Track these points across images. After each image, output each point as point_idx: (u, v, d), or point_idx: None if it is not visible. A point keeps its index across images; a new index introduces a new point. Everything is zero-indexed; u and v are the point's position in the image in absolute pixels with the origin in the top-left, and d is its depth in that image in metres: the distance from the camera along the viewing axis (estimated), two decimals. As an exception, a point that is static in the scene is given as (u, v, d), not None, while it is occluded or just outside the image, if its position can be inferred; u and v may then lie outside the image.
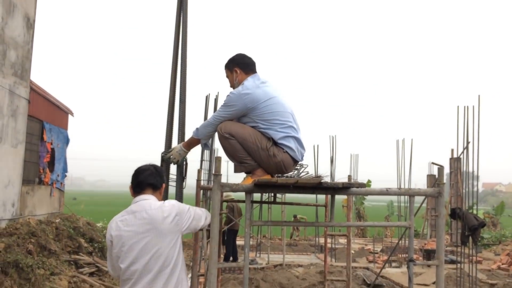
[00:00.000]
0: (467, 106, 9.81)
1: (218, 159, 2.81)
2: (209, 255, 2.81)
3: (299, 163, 3.65)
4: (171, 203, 2.95)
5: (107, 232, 2.97)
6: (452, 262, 12.12)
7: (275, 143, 3.37)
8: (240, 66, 3.64)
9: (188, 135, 4.56)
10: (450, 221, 14.25)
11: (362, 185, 2.85)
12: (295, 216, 21.41)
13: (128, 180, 3.11)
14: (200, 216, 3.03)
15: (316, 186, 2.85)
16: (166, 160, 3.97)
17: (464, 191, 11.23)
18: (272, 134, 3.37)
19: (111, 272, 3.04)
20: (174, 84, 4.42)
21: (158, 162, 4.24)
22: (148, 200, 2.95)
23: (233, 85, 3.69)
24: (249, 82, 3.52)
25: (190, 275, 4.55)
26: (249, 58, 3.72)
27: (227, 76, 3.74)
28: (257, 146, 3.31)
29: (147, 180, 3.04)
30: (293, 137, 3.44)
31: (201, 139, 3.65)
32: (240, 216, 11.78)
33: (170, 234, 2.84)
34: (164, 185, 3.16)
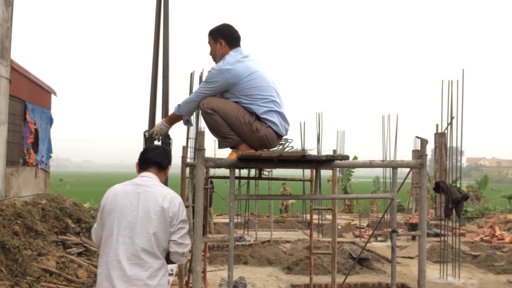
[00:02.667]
0: (451, 80, 9.90)
1: (202, 134, 2.79)
2: (194, 230, 2.82)
3: (284, 138, 3.65)
4: (178, 201, 2.93)
5: (105, 195, 3.01)
6: (436, 235, 12.36)
7: (258, 118, 3.36)
8: (225, 39, 3.56)
9: (171, 111, 4.54)
10: (435, 195, 14.47)
11: (345, 157, 2.86)
12: (284, 185, 21.54)
13: (115, 161, 3.10)
14: (187, 238, 2.92)
15: (300, 159, 2.86)
16: (148, 137, 3.94)
17: (448, 165, 11.40)
18: (255, 108, 3.35)
19: (93, 236, 3.06)
20: (156, 60, 4.38)
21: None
22: (152, 179, 2.99)
23: (214, 55, 3.62)
24: (231, 57, 3.47)
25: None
26: (236, 32, 3.64)
27: (209, 43, 3.65)
28: (240, 121, 3.30)
29: (154, 158, 3.09)
30: (276, 111, 3.42)
31: (183, 115, 3.62)
32: None
33: (157, 223, 2.83)
34: (169, 166, 3.20)
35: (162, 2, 4.71)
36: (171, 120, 3.77)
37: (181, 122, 3.74)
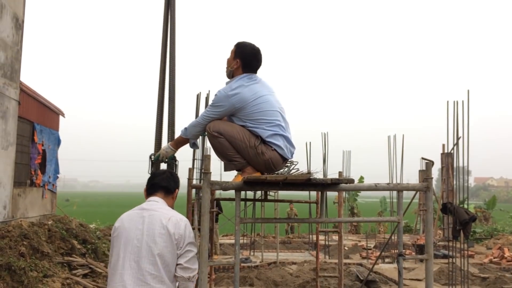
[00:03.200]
0: (457, 101, 9.89)
1: (207, 157, 2.81)
2: (200, 253, 2.82)
3: (290, 160, 3.67)
4: (184, 223, 2.91)
5: (115, 223, 3.04)
6: (445, 256, 12.21)
7: (263, 141, 3.38)
8: (243, 61, 3.55)
9: (178, 134, 4.57)
10: (442, 216, 14.35)
11: (350, 180, 2.87)
12: (290, 204, 21.43)
13: (121, 181, 3.13)
14: (194, 262, 2.87)
15: (305, 182, 2.87)
16: (154, 159, 3.97)
17: (455, 185, 11.32)
18: (260, 132, 3.38)
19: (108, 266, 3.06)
20: (163, 83, 4.43)
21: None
22: (158, 203, 3.01)
23: (228, 67, 3.64)
24: (238, 82, 3.50)
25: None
26: (258, 61, 3.61)
27: (231, 52, 3.64)
28: (245, 144, 3.33)
29: (160, 182, 3.12)
30: (281, 135, 3.44)
31: (190, 138, 3.66)
32: None
33: (162, 246, 2.80)
34: (177, 190, 3.21)
35: (169, 24, 4.79)
36: (177, 143, 3.80)
37: (187, 145, 3.77)
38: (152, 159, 4.04)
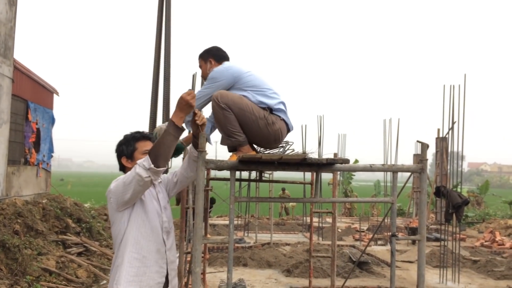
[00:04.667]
0: (453, 85, 9.90)
1: (202, 135, 2.79)
2: (194, 231, 2.82)
3: (285, 140, 3.67)
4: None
5: None
6: (437, 239, 12.34)
7: (271, 112, 3.46)
8: (214, 57, 3.72)
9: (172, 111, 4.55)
10: (435, 199, 14.46)
11: (346, 161, 2.87)
12: (283, 189, 21.54)
13: (116, 161, 3.09)
14: (126, 180, 2.74)
15: (300, 162, 2.86)
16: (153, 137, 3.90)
17: (449, 170, 11.40)
18: (267, 100, 3.45)
19: None
20: (158, 61, 4.39)
21: None
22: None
23: (205, 75, 3.74)
24: (225, 64, 3.64)
25: (177, 254, 4.58)
26: (224, 51, 3.80)
27: (200, 66, 3.79)
28: (255, 116, 3.37)
29: None
30: (283, 102, 3.56)
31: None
32: None
33: (112, 213, 2.87)
34: (125, 162, 3.01)
35: (164, 3, 4.73)
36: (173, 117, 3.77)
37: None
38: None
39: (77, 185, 51.12)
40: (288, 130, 3.58)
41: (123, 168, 3.02)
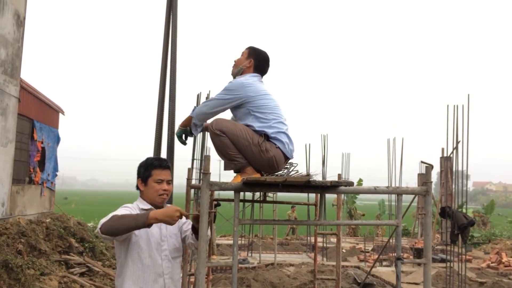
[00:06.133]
0: (457, 105, 9.90)
1: (207, 158, 2.80)
2: (198, 254, 2.81)
3: (289, 161, 3.67)
4: None
5: None
6: (442, 260, 12.20)
7: (267, 139, 3.42)
8: (256, 62, 3.70)
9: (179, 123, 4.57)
10: (441, 219, 14.34)
11: (350, 183, 2.86)
12: (293, 208, 21.34)
13: (120, 180, 3.13)
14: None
15: (304, 184, 2.86)
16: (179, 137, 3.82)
17: (454, 189, 11.32)
18: (266, 129, 3.43)
19: None
20: (164, 82, 4.43)
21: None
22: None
23: (237, 64, 3.73)
24: (251, 77, 3.62)
25: (181, 275, 4.55)
26: (268, 65, 3.78)
27: (242, 53, 3.76)
28: (248, 142, 3.35)
29: None
30: (284, 132, 3.51)
31: (193, 117, 3.62)
32: None
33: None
34: (138, 181, 3.11)
35: (171, 24, 4.79)
36: (185, 124, 3.73)
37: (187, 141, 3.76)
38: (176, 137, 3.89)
39: (80, 204, 51.07)
40: (287, 158, 3.53)
41: (138, 188, 3.11)
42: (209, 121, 3.61)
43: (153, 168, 3.04)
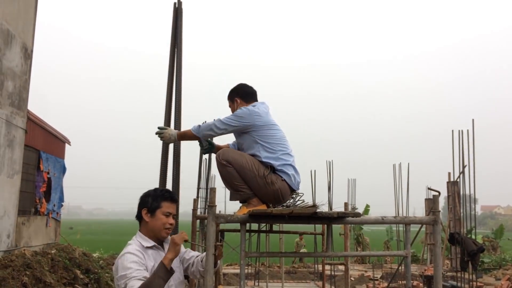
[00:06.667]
0: (462, 130, 9.90)
1: (213, 190, 2.80)
2: (204, 287, 2.78)
3: (295, 191, 3.66)
4: (117, 261, 2.85)
5: None
6: (453, 287, 11.97)
7: (273, 171, 3.41)
8: (240, 96, 3.75)
9: (182, 162, 4.57)
10: (450, 245, 14.14)
11: (357, 214, 2.85)
12: (301, 236, 21.09)
13: (125, 208, 3.10)
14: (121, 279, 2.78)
15: (311, 216, 2.84)
16: (158, 132, 3.84)
17: (462, 214, 11.20)
18: (273, 160, 3.42)
19: None
20: (169, 114, 4.45)
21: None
22: (130, 241, 2.91)
23: (233, 111, 3.75)
24: (260, 106, 3.64)
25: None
26: (250, 88, 3.81)
27: (229, 107, 3.84)
28: (254, 173, 3.35)
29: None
30: (290, 165, 3.50)
31: (200, 137, 3.64)
32: None
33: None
34: (143, 211, 2.93)
35: (176, 52, 4.84)
36: (183, 136, 3.78)
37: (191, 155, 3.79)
38: (157, 130, 3.88)
39: (86, 233, 50.79)
40: (292, 190, 3.52)
41: (140, 218, 2.96)
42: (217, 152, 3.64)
43: (163, 200, 2.92)
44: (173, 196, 3.00)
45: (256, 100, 3.79)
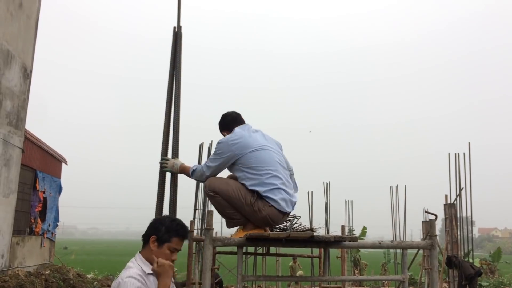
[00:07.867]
0: (458, 153, 9.95)
1: (210, 213, 2.80)
2: (201, 312, 2.75)
3: (292, 214, 3.65)
4: (116, 284, 2.71)
5: None
6: (451, 312, 11.85)
7: (260, 197, 3.38)
8: (224, 128, 3.84)
9: (180, 187, 4.57)
10: (447, 268, 14.05)
11: (354, 238, 2.84)
12: (294, 259, 20.93)
13: (121, 228, 3.06)
14: None
15: (308, 239, 2.84)
16: (161, 161, 4.04)
17: (459, 236, 11.17)
18: (258, 187, 3.37)
19: None
20: (167, 134, 4.46)
21: (152, 215, 4.22)
22: (133, 259, 2.81)
23: None
24: (238, 131, 3.65)
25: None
26: (229, 115, 3.86)
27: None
28: (241, 202, 3.34)
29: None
30: (279, 188, 3.39)
31: (193, 179, 3.82)
32: None
33: None
34: (153, 238, 2.82)
35: (175, 77, 4.88)
36: (183, 170, 3.90)
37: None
38: (161, 161, 4.07)
39: (80, 254, 50.14)
40: (284, 213, 3.44)
41: (146, 241, 2.85)
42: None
43: (175, 235, 2.80)
44: (186, 235, 2.91)
45: (242, 123, 3.81)
